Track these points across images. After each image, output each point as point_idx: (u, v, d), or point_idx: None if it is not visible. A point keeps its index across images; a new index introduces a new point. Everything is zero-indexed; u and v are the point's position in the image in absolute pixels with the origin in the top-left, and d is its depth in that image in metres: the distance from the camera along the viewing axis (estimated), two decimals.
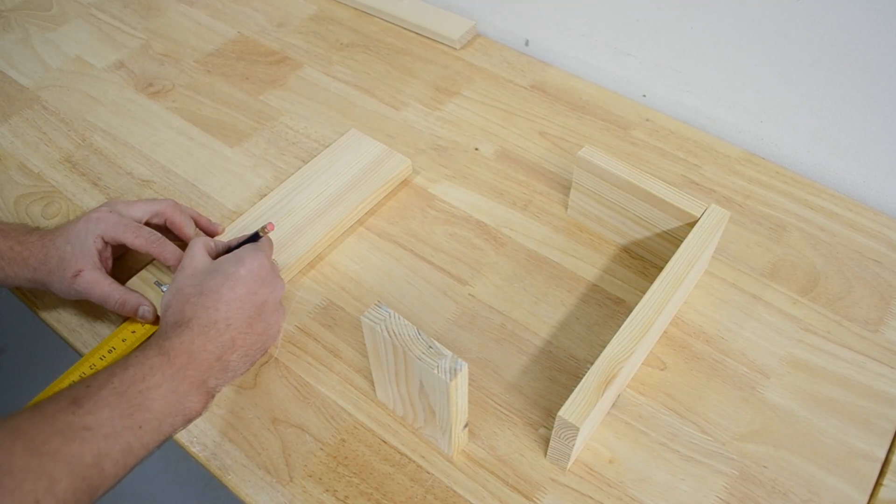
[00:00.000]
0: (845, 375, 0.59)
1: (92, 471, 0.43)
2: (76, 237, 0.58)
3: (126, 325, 0.59)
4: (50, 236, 0.59)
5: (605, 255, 0.67)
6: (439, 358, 0.46)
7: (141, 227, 0.60)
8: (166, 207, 0.62)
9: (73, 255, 0.58)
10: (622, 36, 0.80)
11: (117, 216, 0.60)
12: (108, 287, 0.58)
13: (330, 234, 0.67)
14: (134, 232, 0.59)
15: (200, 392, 0.50)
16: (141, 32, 0.92)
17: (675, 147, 0.76)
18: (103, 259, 0.59)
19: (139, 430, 0.45)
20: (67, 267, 0.58)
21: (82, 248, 0.58)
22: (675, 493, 0.53)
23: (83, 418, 0.43)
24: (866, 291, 0.64)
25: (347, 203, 0.69)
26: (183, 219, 0.63)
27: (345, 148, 0.74)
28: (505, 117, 0.80)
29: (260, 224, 0.66)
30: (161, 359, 0.48)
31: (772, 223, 0.69)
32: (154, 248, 0.59)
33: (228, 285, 0.53)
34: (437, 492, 0.53)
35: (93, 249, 0.58)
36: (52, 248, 0.59)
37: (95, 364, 0.57)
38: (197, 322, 0.51)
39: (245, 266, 0.54)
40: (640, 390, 0.58)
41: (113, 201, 0.62)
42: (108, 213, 0.60)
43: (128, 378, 0.47)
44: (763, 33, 0.69)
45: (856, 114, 0.68)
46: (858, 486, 0.53)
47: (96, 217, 0.59)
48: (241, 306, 0.53)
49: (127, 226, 0.59)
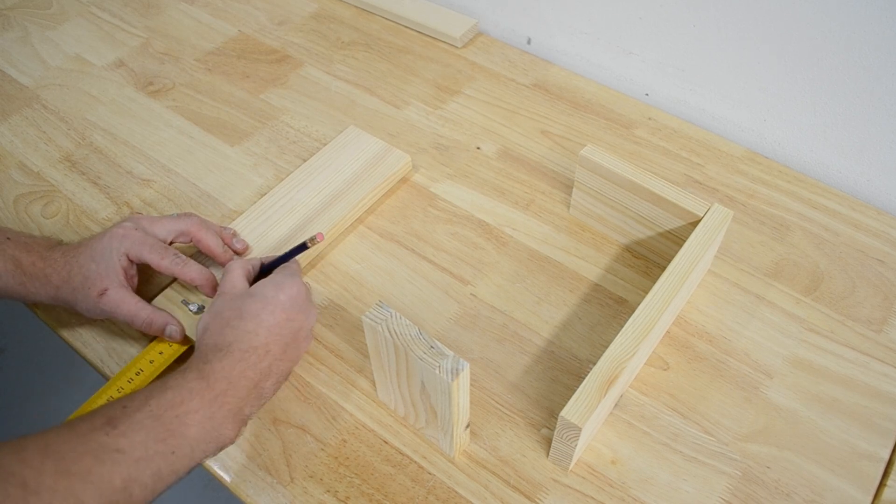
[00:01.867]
0: (849, 375, 0.58)
1: (120, 495, 0.41)
2: (101, 254, 0.57)
3: (153, 346, 0.58)
4: (73, 253, 0.58)
5: (607, 255, 0.67)
6: (441, 358, 0.46)
7: (166, 249, 0.58)
8: (191, 226, 0.61)
9: (97, 273, 0.56)
10: (625, 34, 0.79)
11: (142, 234, 0.58)
12: (135, 306, 0.57)
13: (331, 232, 0.67)
14: (159, 253, 0.58)
15: (236, 420, 0.49)
16: (141, 31, 0.91)
17: (678, 146, 0.76)
18: (129, 277, 0.58)
19: (171, 456, 0.44)
20: (92, 285, 0.56)
21: (107, 266, 0.56)
22: (678, 494, 0.53)
23: (117, 440, 0.42)
24: (870, 291, 0.64)
25: (348, 200, 0.69)
26: (210, 236, 0.61)
27: (344, 145, 0.73)
28: (507, 116, 0.80)
29: (305, 235, 0.64)
30: (200, 383, 0.47)
31: (775, 222, 0.69)
32: (178, 270, 0.58)
33: (268, 310, 0.52)
34: (438, 492, 0.53)
35: (118, 267, 0.57)
36: (75, 265, 0.57)
37: (123, 387, 0.55)
38: (238, 347, 0.50)
39: (285, 291, 0.53)
40: (643, 390, 0.58)
41: (136, 216, 0.61)
42: (132, 229, 0.58)
43: (166, 401, 0.45)
44: (767, 31, 0.69)
45: (860, 112, 0.68)
46: (862, 487, 0.53)
47: (121, 234, 0.58)
48: (280, 332, 0.52)
49: (153, 246, 0.58)
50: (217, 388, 0.48)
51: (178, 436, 0.45)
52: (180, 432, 0.45)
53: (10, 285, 0.57)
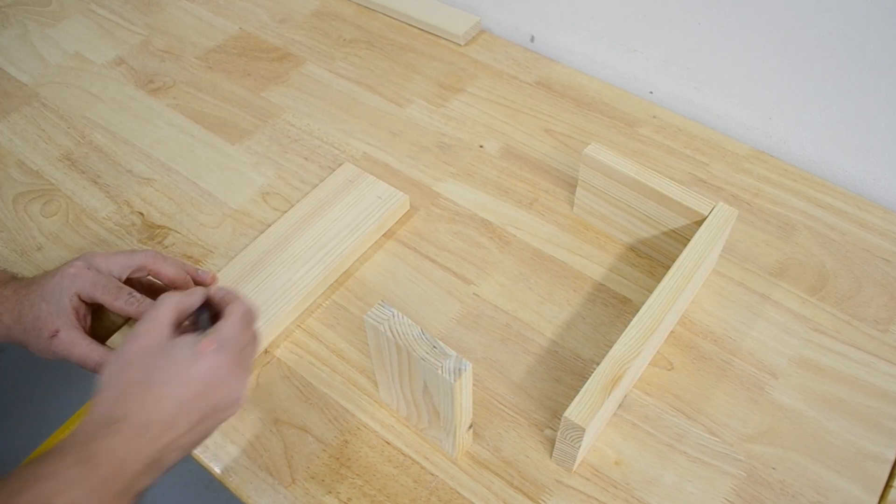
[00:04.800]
0: (855, 376, 0.58)
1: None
2: (51, 294, 0.54)
3: None
4: (25, 291, 0.55)
5: (611, 254, 0.66)
6: (443, 358, 0.46)
7: (120, 288, 0.55)
8: (146, 260, 0.57)
9: (48, 313, 0.54)
10: (629, 32, 0.79)
11: (94, 273, 0.55)
12: (87, 348, 0.54)
13: (320, 285, 0.64)
14: (112, 293, 0.54)
15: (127, 497, 0.43)
16: (141, 28, 0.91)
17: (683, 144, 0.75)
18: (81, 317, 0.55)
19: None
20: (43, 326, 0.54)
21: (58, 307, 0.54)
22: (683, 495, 0.52)
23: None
24: (876, 291, 0.63)
25: (343, 249, 0.65)
26: (168, 266, 0.57)
27: (342, 186, 0.70)
28: (510, 114, 0.79)
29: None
30: (81, 469, 0.41)
31: (780, 221, 0.69)
32: (133, 311, 0.54)
33: (179, 381, 0.45)
34: (441, 494, 0.53)
35: (69, 308, 0.54)
36: (26, 304, 0.55)
37: None
38: (129, 423, 0.44)
39: (204, 364, 0.46)
40: (647, 391, 0.57)
41: (90, 253, 0.57)
42: (84, 269, 0.55)
43: (37, 496, 0.39)
44: (772, 29, 0.68)
45: (865, 111, 0.68)
46: (868, 488, 0.52)
47: (72, 273, 0.55)
48: (189, 409, 0.45)
49: (105, 286, 0.54)
50: (103, 471, 0.42)
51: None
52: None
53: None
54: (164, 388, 0.45)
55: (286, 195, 0.72)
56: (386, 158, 0.75)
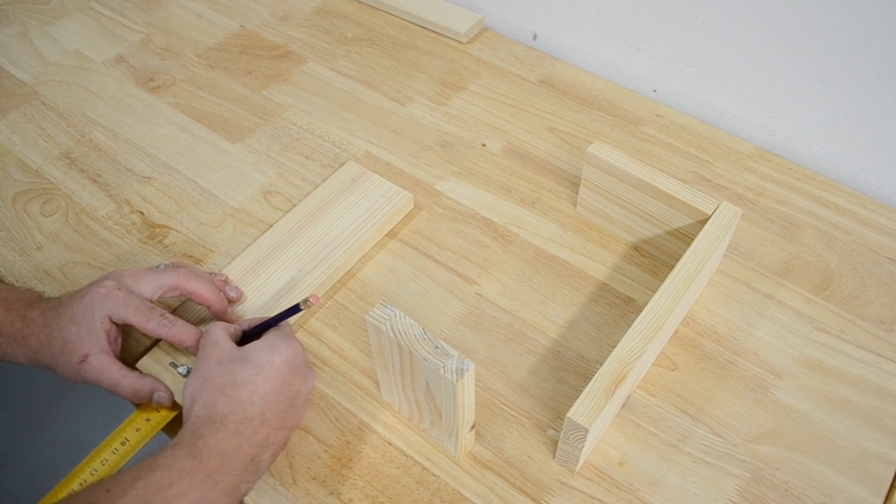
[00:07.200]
0: (859, 376, 0.58)
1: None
2: (81, 317, 0.53)
3: (140, 412, 0.54)
4: (52, 313, 0.54)
5: (614, 254, 0.66)
6: (445, 358, 0.45)
7: (152, 309, 0.54)
8: (180, 279, 0.56)
9: (78, 336, 0.53)
10: (632, 30, 0.78)
11: (126, 294, 0.54)
12: (118, 374, 0.53)
13: (323, 285, 0.63)
14: (145, 315, 0.54)
15: (231, 498, 0.46)
16: (141, 26, 0.91)
17: (686, 143, 0.75)
18: (111, 340, 0.54)
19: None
20: (73, 351, 0.53)
21: (88, 330, 0.53)
22: (687, 496, 0.52)
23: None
24: (881, 290, 0.63)
25: (347, 248, 0.65)
26: (202, 286, 0.57)
27: (346, 185, 0.70)
28: (512, 113, 0.79)
29: (297, 298, 0.60)
30: (192, 461, 0.44)
31: (785, 221, 0.68)
32: (166, 332, 0.54)
33: (263, 376, 0.49)
34: (443, 494, 0.52)
35: (100, 331, 0.53)
36: (55, 327, 0.53)
37: (107, 459, 0.52)
38: (232, 418, 0.47)
39: (281, 354, 0.50)
40: (651, 391, 0.57)
41: (119, 272, 0.56)
42: (115, 289, 0.54)
43: (153, 483, 0.42)
44: (776, 27, 0.68)
45: (870, 109, 0.67)
46: (872, 489, 0.52)
47: (103, 294, 0.53)
48: (277, 398, 0.49)
49: (137, 307, 0.54)
50: (210, 465, 0.45)
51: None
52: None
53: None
54: (250, 386, 0.48)
55: (287, 194, 0.71)
56: (387, 157, 0.75)
